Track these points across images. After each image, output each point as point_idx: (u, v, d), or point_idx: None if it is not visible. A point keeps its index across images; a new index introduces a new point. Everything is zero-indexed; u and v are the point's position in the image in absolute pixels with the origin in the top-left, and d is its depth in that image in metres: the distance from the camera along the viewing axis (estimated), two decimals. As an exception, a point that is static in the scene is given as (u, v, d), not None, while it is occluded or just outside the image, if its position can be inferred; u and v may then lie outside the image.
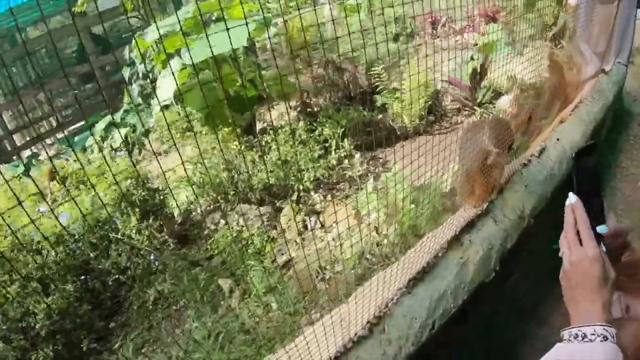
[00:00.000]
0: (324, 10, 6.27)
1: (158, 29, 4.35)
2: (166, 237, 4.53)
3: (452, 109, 5.73)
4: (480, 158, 2.38)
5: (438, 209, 3.17)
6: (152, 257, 4.43)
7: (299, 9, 6.12)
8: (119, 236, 4.49)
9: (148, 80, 5.61)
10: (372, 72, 5.46)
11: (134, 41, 4.59)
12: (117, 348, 3.82)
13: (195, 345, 3.65)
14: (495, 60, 5.04)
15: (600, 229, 1.08)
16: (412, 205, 3.21)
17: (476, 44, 6.40)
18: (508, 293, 3.14)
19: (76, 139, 7.00)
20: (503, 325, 3.19)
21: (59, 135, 7.05)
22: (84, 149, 6.09)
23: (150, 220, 4.51)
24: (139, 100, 5.92)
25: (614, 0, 4.70)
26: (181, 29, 4.32)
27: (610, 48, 4.88)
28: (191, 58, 4.16)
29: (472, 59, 5.53)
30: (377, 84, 5.47)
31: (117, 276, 4.21)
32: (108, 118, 6.24)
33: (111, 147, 5.86)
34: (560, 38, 5.86)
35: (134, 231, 4.46)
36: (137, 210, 4.47)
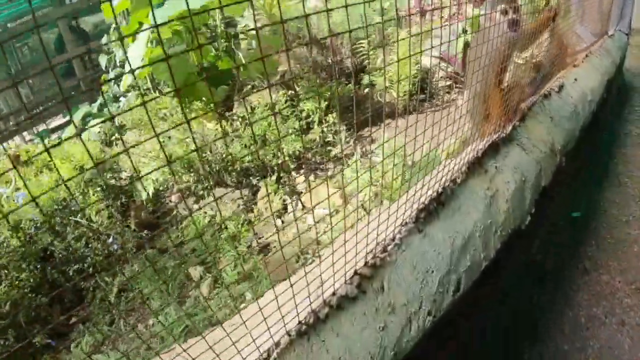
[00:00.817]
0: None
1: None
2: (133, 223, 3.66)
3: (444, 87, 4.93)
4: (499, 60, 1.57)
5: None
6: (115, 246, 3.57)
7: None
8: (79, 220, 3.62)
9: (117, 58, 4.84)
10: (358, 50, 4.68)
11: (102, 6, 3.80)
12: (75, 345, 2.97)
13: (157, 341, 2.79)
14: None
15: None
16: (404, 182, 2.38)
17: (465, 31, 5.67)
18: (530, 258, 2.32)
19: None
20: (529, 287, 2.38)
21: (41, 128, 6.22)
22: (60, 139, 5.26)
23: (117, 205, 3.67)
24: (117, 87, 5.16)
25: None
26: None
27: (612, 16, 4.26)
28: (155, 20, 3.36)
29: (464, 31, 4.76)
30: (363, 62, 4.69)
31: (78, 265, 3.36)
32: (86, 108, 5.43)
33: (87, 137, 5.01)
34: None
35: (98, 217, 3.60)
36: (101, 194, 3.63)
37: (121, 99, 5.20)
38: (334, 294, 1.17)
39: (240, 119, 3.86)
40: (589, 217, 3.11)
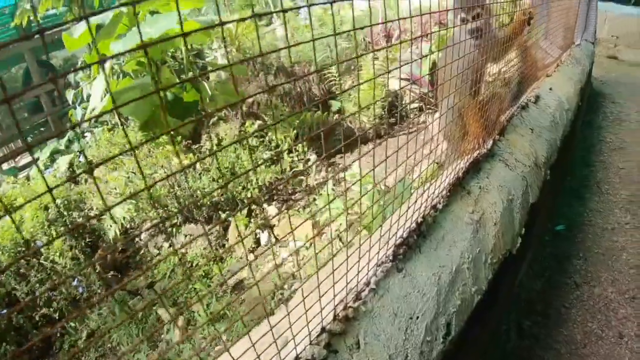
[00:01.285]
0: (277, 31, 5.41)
1: (88, 23, 3.33)
2: (98, 264, 3.34)
3: (414, 108, 4.77)
4: (471, 72, 1.38)
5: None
6: (80, 290, 3.24)
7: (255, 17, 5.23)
8: (43, 262, 3.32)
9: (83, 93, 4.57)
10: (325, 77, 4.49)
11: (63, 37, 3.54)
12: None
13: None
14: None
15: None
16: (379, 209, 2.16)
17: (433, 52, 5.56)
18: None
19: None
20: (519, 312, 2.19)
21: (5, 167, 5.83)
22: (28, 178, 4.90)
23: (81, 245, 3.36)
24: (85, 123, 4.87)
25: None
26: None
27: (578, 27, 4.25)
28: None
29: (430, 51, 4.65)
30: (331, 88, 4.50)
31: (45, 310, 3.06)
32: (53, 145, 5.10)
33: (54, 175, 4.68)
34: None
35: (61, 258, 3.29)
36: (66, 233, 3.33)
37: (86, 134, 4.92)
38: (297, 356, 0.92)
39: (208, 151, 3.61)
40: (574, 229, 2.94)
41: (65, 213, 3.62)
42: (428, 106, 4.76)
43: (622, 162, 3.65)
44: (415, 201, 1.06)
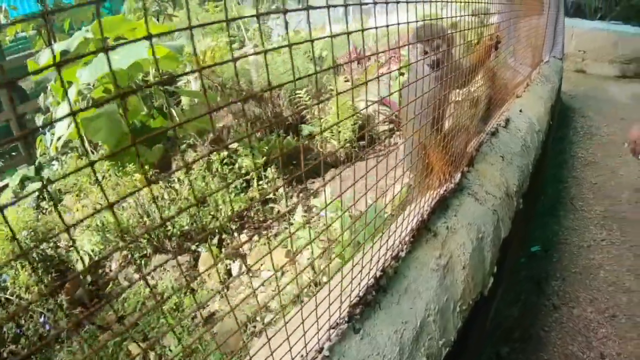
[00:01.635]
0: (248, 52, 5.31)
1: (52, 50, 3.17)
2: (65, 299, 3.16)
3: (385, 131, 4.68)
4: (436, 111, 1.28)
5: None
6: (47, 327, 3.04)
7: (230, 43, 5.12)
8: (9, 297, 3.15)
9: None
10: (295, 101, 4.38)
11: (28, 64, 3.38)
12: None
13: None
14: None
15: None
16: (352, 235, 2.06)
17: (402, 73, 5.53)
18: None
19: None
20: (496, 343, 2.10)
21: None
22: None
23: (48, 279, 3.16)
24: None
25: (542, 11, 4.20)
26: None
27: (546, 45, 4.27)
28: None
29: (400, 74, 4.58)
30: (302, 113, 4.39)
31: (13, 347, 2.89)
32: (23, 171, 4.87)
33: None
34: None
35: (27, 294, 3.11)
36: (32, 267, 3.15)
37: (53, 162, 4.72)
38: None
39: (177, 180, 3.46)
40: (550, 249, 2.88)
41: (30, 245, 3.41)
42: (398, 128, 4.67)
43: (594, 177, 3.62)
44: (371, 258, 0.94)
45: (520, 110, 2.45)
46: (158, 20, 6.15)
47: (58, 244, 3.60)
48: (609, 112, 5.02)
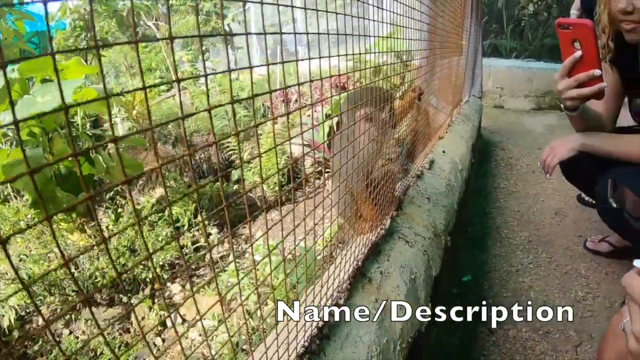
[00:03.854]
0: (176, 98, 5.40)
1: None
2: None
3: (314, 172, 4.93)
4: (366, 159, 1.46)
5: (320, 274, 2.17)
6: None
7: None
8: None
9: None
10: (225, 146, 4.52)
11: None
12: None
13: None
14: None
15: None
16: (286, 278, 2.16)
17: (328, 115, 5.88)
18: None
19: None
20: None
21: None
22: None
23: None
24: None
25: (461, 53, 4.73)
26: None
27: (465, 86, 4.78)
28: None
29: (327, 117, 4.89)
30: (231, 158, 4.52)
31: None
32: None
33: None
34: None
35: None
36: None
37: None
38: None
39: (105, 229, 3.39)
40: (480, 277, 3.12)
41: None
42: (326, 169, 4.92)
43: (517, 205, 4.04)
44: (313, 314, 1.05)
45: (444, 151, 2.75)
46: (86, 61, 6.06)
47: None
48: (526, 144, 5.63)
